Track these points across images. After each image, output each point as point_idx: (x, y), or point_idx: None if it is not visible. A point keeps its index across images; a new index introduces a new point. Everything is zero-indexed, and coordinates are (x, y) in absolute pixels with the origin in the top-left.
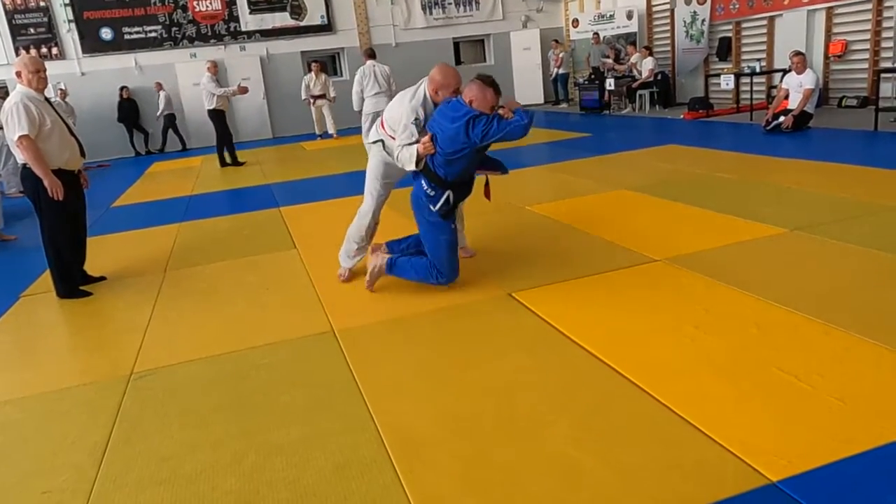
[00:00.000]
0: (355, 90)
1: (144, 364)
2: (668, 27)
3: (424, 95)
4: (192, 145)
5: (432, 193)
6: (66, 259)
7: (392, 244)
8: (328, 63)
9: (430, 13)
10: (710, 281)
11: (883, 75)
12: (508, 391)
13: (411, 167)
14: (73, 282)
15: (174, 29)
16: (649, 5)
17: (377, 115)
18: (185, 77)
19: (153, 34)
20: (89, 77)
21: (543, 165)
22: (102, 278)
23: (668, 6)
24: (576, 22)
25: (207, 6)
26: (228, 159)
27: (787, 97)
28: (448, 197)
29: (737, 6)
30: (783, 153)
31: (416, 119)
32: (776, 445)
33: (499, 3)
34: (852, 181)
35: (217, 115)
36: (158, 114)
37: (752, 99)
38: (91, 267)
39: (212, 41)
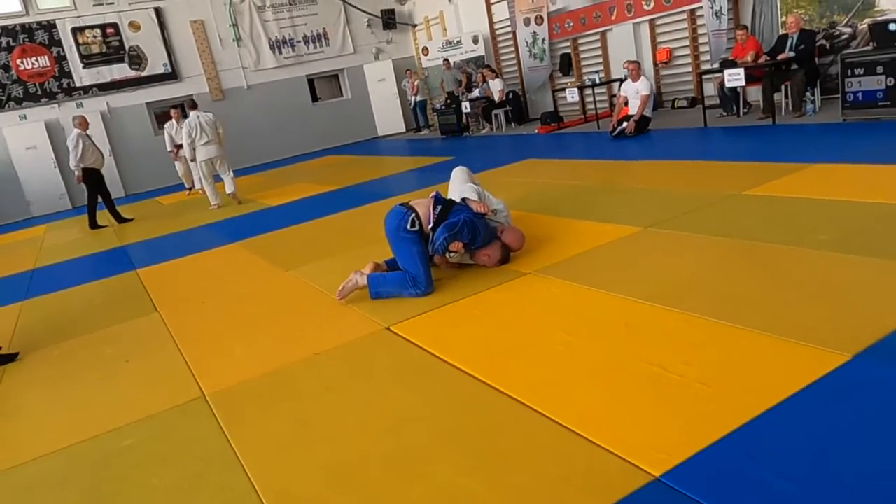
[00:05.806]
0: (186, 142)
1: None
2: (513, 48)
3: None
4: (33, 213)
5: (411, 229)
6: None
7: (389, 261)
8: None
9: (280, 52)
10: (578, 286)
11: (704, 77)
12: (394, 430)
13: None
14: None
15: None
16: (493, 29)
17: (212, 160)
18: (15, 141)
19: None
20: None
21: (410, 193)
22: None
23: (509, 29)
24: (426, 50)
25: (33, 64)
26: (105, 220)
27: (626, 104)
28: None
29: (571, 24)
30: (630, 156)
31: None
32: (654, 440)
33: (348, 38)
34: (693, 175)
35: (89, 175)
36: None
37: (596, 108)
38: None
39: (43, 100)
